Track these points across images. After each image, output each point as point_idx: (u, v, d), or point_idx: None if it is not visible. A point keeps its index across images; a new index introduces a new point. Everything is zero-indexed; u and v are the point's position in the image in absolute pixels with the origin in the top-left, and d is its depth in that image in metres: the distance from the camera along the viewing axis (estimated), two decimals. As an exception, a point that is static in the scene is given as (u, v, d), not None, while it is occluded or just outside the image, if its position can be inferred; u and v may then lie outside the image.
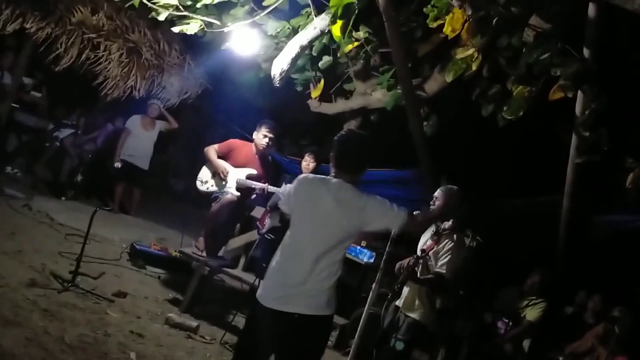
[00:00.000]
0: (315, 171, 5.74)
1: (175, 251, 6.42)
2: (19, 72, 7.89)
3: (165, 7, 4.96)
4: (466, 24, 4.02)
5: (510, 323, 5.93)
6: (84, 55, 7.42)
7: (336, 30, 4.51)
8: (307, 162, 6.00)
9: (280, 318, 2.79)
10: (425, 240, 4.62)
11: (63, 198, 7.93)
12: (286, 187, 3.13)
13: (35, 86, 8.15)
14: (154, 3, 4.87)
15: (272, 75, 5.15)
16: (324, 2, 4.89)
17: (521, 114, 4.88)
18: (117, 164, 8.17)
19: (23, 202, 6.91)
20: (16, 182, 7.82)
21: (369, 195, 2.91)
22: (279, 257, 2.94)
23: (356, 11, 4.26)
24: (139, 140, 8.36)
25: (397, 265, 4.42)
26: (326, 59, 6.16)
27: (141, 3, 4.94)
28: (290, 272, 2.83)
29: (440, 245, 4.42)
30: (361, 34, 5.74)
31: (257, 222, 5.88)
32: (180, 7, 4.92)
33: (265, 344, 2.90)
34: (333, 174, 3.00)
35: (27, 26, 6.80)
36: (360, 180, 3.02)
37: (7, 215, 6.30)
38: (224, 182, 5.62)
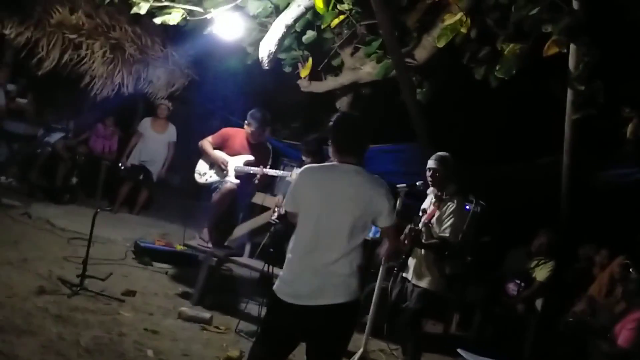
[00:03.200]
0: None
1: (180, 245, 6.39)
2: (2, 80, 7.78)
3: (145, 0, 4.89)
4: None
5: (523, 284, 5.94)
6: (66, 56, 7.34)
7: (319, 2, 4.44)
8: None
9: (314, 312, 2.74)
10: (425, 206, 4.62)
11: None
12: (289, 186, 3.02)
13: (19, 92, 8.03)
14: (133, -3, 4.80)
15: (260, 58, 5.08)
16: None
17: (514, 72, 4.85)
18: (122, 166, 8.10)
19: (21, 210, 6.85)
20: (12, 191, 7.73)
21: (382, 183, 2.89)
22: (298, 252, 2.84)
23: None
24: (151, 143, 8.25)
25: (404, 235, 4.41)
26: (310, 34, 6.09)
27: (118, -2, 4.86)
28: (317, 265, 2.76)
29: (442, 210, 4.42)
30: (345, 6, 5.66)
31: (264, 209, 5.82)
32: (161, -1, 4.85)
33: (289, 342, 2.86)
34: (336, 160, 2.91)
35: (6, 32, 6.69)
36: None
37: (7, 225, 6.24)
38: (223, 172, 5.57)
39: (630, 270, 4.81)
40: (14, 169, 8.25)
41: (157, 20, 5.25)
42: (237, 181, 5.48)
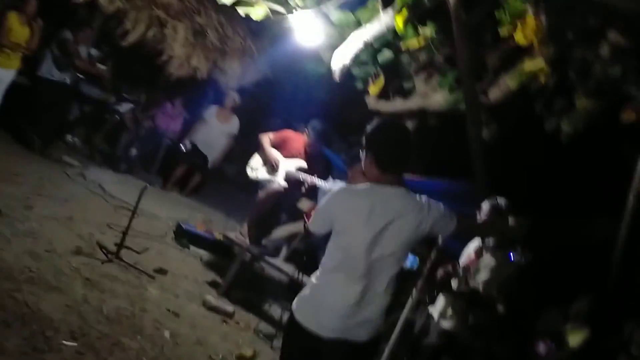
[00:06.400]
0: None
1: (219, 234, 6.46)
2: (88, 44, 8.09)
3: (234, -9, 4.99)
4: (539, 33, 3.85)
5: (553, 346, 5.71)
6: (150, 32, 7.56)
7: (400, 20, 4.41)
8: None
9: (332, 345, 2.48)
10: (469, 251, 4.51)
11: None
12: (320, 205, 2.67)
13: (101, 58, 8.33)
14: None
15: (332, 70, 5.10)
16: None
17: (581, 128, 4.70)
18: (182, 147, 8.30)
19: (78, 170, 7.09)
20: (74, 150, 8.04)
21: (426, 200, 2.51)
22: (327, 279, 2.55)
23: (424, 9, 4.16)
24: (213, 131, 8.39)
25: (439, 271, 4.32)
26: (387, 53, 6.06)
27: (210, -14, 4.98)
28: (346, 297, 2.47)
29: (482, 261, 4.30)
30: (427, 31, 5.62)
31: (305, 216, 5.83)
32: (248, -8, 4.94)
33: None
34: (374, 178, 2.53)
35: (99, -1, 6.96)
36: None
37: (62, 181, 6.48)
38: (274, 172, 5.62)
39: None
40: (81, 130, 8.56)
41: (241, 11, 5.35)
42: (285, 184, 5.51)
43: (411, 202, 2.49)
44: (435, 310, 4.43)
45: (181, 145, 8.40)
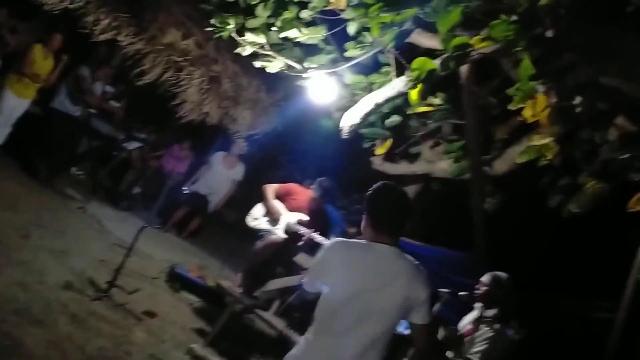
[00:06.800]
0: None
1: (212, 281, 6.38)
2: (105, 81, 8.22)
3: (252, 44, 5.08)
4: (547, 111, 3.90)
5: None
6: (166, 75, 7.69)
7: (414, 94, 4.47)
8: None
9: None
10: (465, 322, 4.44)
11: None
12: (314, 259, 2.68)
13: (115, 96, 8.45)
14: (243, 38, 5.01)
15: (340, 127, 5.14)
16: (405, 64, 4.89)
17: (588, 209, 4.70)
18: (185, 190, 8.31)
19: (79, 204, 7.08)
20: (78, 183, 8.06)
21: (426, 277, 2.53)
22: (316, 336, 2.52)
23: (437, 78, 4.21)
24: (217, 177, 8.45)
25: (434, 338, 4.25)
26: (395, 118, 6.14)
27: (229, 36, 5.08)
28: (334, 356, 2.43)
29: (478, 333, 4.23)
30: (437, 100, 5.70)
31: (303, 270, 5.79)
32: (267, 46, 5.03)
33: None
34: (369, 238, 2.57)
35: (120, 39, 7.09)
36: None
37: (61, 214, 6.45)
38: (274, 223, 5.60)
39: None
40: (87, 164, 8.61)
41: (257, 64, 5.44)
42: (285, 236, 5.49)
43: (406, 262, 2.51)
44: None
45: (184, 188, 8.41)
